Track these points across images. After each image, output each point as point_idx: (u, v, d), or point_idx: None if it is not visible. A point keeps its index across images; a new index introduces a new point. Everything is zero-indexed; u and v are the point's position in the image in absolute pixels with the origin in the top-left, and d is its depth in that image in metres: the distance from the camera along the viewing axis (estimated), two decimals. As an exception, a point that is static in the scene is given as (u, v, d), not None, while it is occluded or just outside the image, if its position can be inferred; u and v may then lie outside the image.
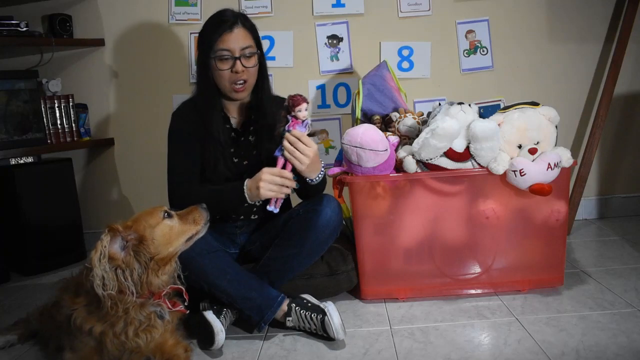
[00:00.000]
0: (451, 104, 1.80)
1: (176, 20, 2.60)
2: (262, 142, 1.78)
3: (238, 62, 1.68)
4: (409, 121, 1.93)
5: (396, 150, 1.82)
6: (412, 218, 1.80)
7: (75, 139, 2.59)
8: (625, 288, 1.80)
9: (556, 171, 1.69)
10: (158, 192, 2.52)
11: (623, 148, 2.69)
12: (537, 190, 1.68)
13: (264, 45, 2.51)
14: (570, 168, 1.75)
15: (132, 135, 2.71)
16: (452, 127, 1.66)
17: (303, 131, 1.60)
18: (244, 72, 1.70)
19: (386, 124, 2.02)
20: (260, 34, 1.80)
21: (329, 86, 2.63)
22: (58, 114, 2.53)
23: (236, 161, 1.81)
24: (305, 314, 1.60)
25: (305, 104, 1.58)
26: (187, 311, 1.49)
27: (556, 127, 1.76)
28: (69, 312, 1.38)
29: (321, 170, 1.70)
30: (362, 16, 2.58)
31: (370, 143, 1.69)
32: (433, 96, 2.60)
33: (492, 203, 1.76)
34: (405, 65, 2.61)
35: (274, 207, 1.63)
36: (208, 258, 1.62)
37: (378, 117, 2.02)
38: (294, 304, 1.63)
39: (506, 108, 1.78)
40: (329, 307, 1.57)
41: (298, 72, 2.60)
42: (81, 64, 2.68)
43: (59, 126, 2.54)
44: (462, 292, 1.84)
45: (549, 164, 1.67)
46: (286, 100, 1.59)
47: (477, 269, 1.84)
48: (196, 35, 2.56)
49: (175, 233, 1.44)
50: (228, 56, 1.68)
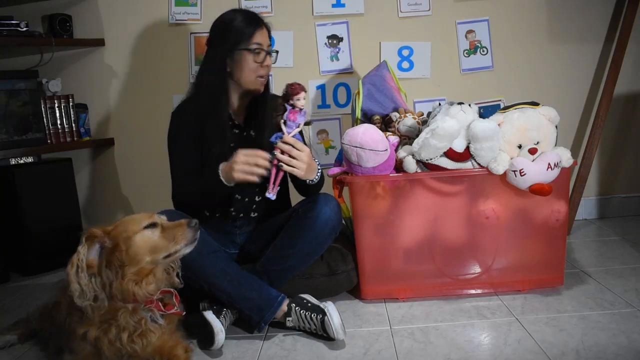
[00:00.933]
0: (451, 104, 1.80)
1: (176, 20, 2.60)
2: (263, 137, 1.79)
3: (268, 57, 1.78)
4: (409, 121, 1.93)
5: (396, 150, 1.82)
6: (412, 218, 1.80)
7: (75, 139, 2.59)
8: (625, 288, 1.80)
9: (556, 171, 1.69)
10: (158, 192, 2.52)
11: (623, 148, 2.69)
12: (537, 190, 1.68)
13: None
14: (570, 168, 1.75)
15: (132, 135, 2.71)
16: (452, 127, 1.66)
17: (302, 120, 1.59)
18: (268, 67, 1.80)
19: (386, 124, 2.02)
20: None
21: (329, 86, 2.63)
22: (58, 114, 2.53)
23: None
24: (305, 314, 1.60)
25: (303, 93, 1.57)
26: (183, 312, 1.46)
27: (556, 127, 1.77)
28: (66, 315, 1.38)
29: (317, 168, 1.71)
30: (362, 16, 2.58)
31: (370, 143, 1.69)
32: (433, 96, 2.60)
33: (492, 203, 1.76)
34: (405, 65, 2.61)
35: (272, 194, 1.59)
36: (208, 258, 1.62)
37: (378, 117, 2.03)
38: (294, 304, 1.63)
39: (506, 108, 1.78)
40: (329, 307, 1.57)
41: (298, 72, 2.60)
42: (81, 64, 2.68)
43: (59, 126, 2.54)
44: (462, 292, 1.84)
45: (549, 164, 1.67)
46: (284, 88, 1.58)
47: (477, 269, 1.84)
48: (196, 35, 2.59)
49: (150, 247, 1.35)
50: (261, 50, 1.75)
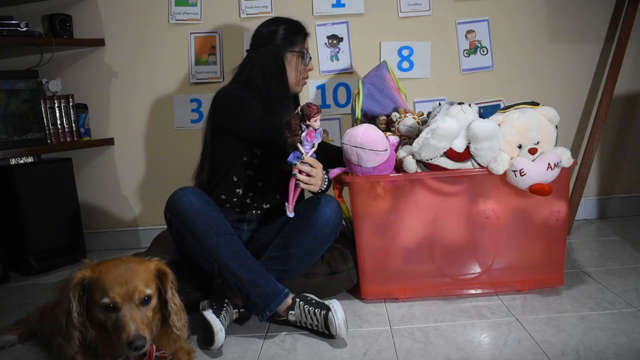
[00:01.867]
0: (451, 104, 1.80)
1: (176, 20, 2.60)
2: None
3: (311, 61, 1.98)
4: (409, 121, 1.93)
5: (396, 150, 1.82)
6: (412, 218, 1.80)
7: (75, 139, 2.59)
8: (625, 288, 1.80)
9: (556, 171, 1.69)
10: (158, 192, 2.52)
11: (623, 148, 2.69)
12: (537, 190, 1.68)
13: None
14: (570, 168, 1.75)
15: (132, 135, 2.71)
16: (452, 127, 1.66)
17: (318, 140, 1.62)
18: (310, 71, 2.00)
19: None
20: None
21: (329, 86, 2.63)
22: (58, 114, 2.53)
23: None
24: (308, 309, 1.61)
25: (319, 115, 1.60)
26: (169, 357, 1.40)
27: (556, 127, 1.77)
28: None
29: (325, 178, 1.72)
30: (362, 16, 2.58)
31: (370, 143, 1.69)
32: (433, 96, 2.60)
33: (492, 203, 1.76)
34: (405, 65, 2.61)
35: (291, 213, 1.63)
36: (224, 238, 1.64)
37: (384, 118, 2.02)
38: (299, 299, 1.65)
39: (506, 108, 1.78)
40: (334, 304, 1.58)
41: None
42: (81, 64, 2.68)
43: (59, 126, 2.54)
44: (462, 292, 1.84)
45: (549, 164, 1.67)
46: (301, 108, 1.59)
47: (477, 269, 1.84)
48: (196, 35, 2.59)
49: (104, 324, 1.28)
50: (308, 55, 1.95)
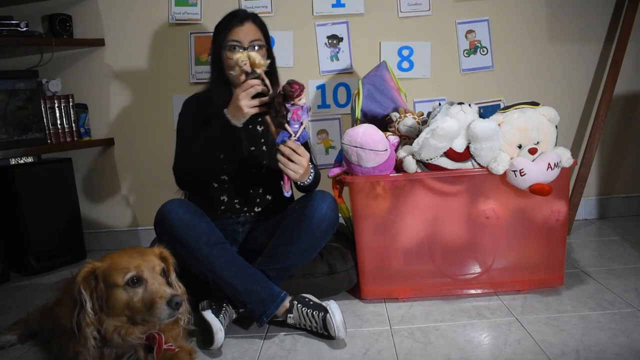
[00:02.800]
0: (451, 104, 1.80)
1: (176, 20, 2.60)
2: (270, 132, 1.86)
3: (246, 52, 1.78)
4: (409, 121, 1.93)
5: (396, 150, 1.82)
6: (412, 218, 1.80)
7: (75, 139, 2.59)
8: (625, 288, 1.80)
9: (556, 171, 1.69)
10: (158, 192, 2.52)
11: (623, 148, 2.69)
12: (537, 190, 1.68)
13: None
14: (570, 168, 1.75)
15: (132, 135, 2.71)
16: (452, 127, 1.66)
17: (305, 117, 1.60)
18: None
19: (386, 124, 2.02)
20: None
21: (329, 86, 2.63)
22: (58, 114, 2.53)
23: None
24: (307, 312, 1.61)
25: (303, 92, 1.58)
26: (176, 349, 1.40)
27: (556, 127, 1.77)
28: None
29: (310, 172, 1.73)
30: (362, 16, 2.58)
31: (370, 143, 1.69)
32: (433, 96, 2.60)
33: (492, 203, 1.76)
34: (405, 65, 2.61)
35: (288, 192, 1.65)
36: (216, 249, 1.64)
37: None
38: (296, 301, 1.64)
39: (506, 108, 1.78)
40: (331, 305, 1.58)
41: (298, 72, 2.60)
42: (81, 64, 2.68)
43: (59, 126, 2.54)
44: (462, 292, 1.84)
45: (549, 164, 1.67)
46: (282, 88, 1.57)
47: (477, 269, 1.84)
48: (196, 35, 2.59)
49: (129, 306, 1.30)
50: (237, 46, 1.79)
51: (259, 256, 1.74)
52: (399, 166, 1.78)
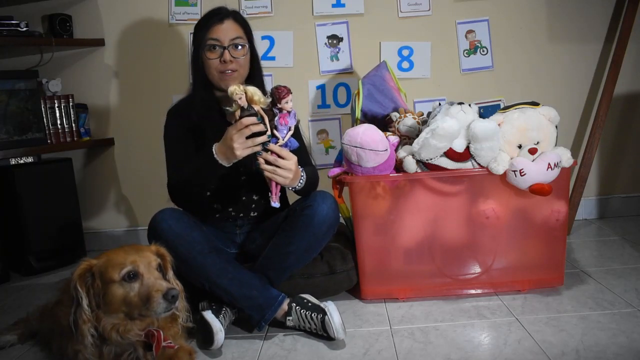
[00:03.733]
0: (451, 104, 1.80)
1: (176, 20, 2.60)
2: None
3: (226, 52, 1.73)
4: (409, 121, 1.93)
5: (396, 150, 1.82)
6: (412, 218, 1.80)
7: (75, 139, 2.59)
8: (625, 288, 1.80)
9: (556, 171, 1.69)
10: (158, 192, 2.52)
11: (623, 148, 2.69)
12: (537, 190, 1.68)
13: (264, 45, 2.53)
14: (570, 168, 1.75)
15: (132, 135, 2.71)
16: (452, 127, 1.66)
17: (293, 122, 1.55)
18: (233, 62, 1.74)
19: (386, 124, 2.02)
20: (260, 34, 1.83)
21: (329, 86, 2.63)
22: (58, 114, 2.53)
23: None
24: (305, 314, 1.60)
25: (290, 95, 1.53)
26: (175, 346, 1.40)
27: (556, 127, 1.77)
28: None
29: (301, 175, 1.66)
30: (362, 16, 2.58)
31: (370, 143, 1.69)
32: (433, 96, 2.60)
33: (492, 203, 1.76)
34: (405, 65, 2.61)
35: (276, 203, 1.58)
36: (210, 257, 1.63)
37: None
38: (295, 304, 1.64)
39: (506, 108, 1.78)
40: (330, 307, 1.57)
41: (298, 72, 2.60)
42: (81, 64, 2.68)
43: (59, 126, 2.54)
44: (462, 292, 1.84)
45: (549, 164, 1.67)
46: (270, 92, 1.54)
47: (477, 269, 1.84)
48: (196, 35, 2.59)
49: (125, 302, 1.31)
50: (217, 45, 1.73)
51: (259, 257, 1.74)
52: (399, 166, 1.78)
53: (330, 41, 2.60)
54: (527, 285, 1.83)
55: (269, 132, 1.52)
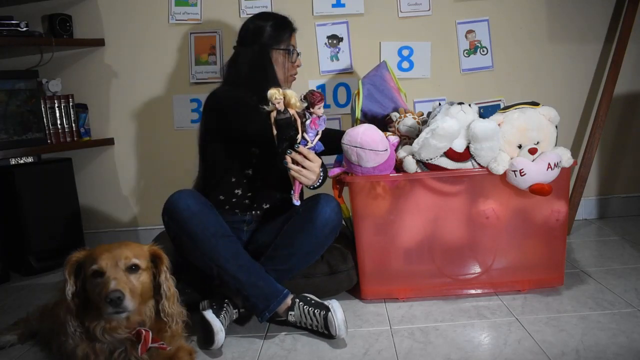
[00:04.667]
0: (451, 104, 1.80)
1: (176, 20, 2.60)
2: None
3: (299, 57, 1.97)
4: (409, 121, 1.93)
5: (396, 150, 1.82)
6: (412, 218, 1.80)
7: (75, 139, 2.59)
8: (625, 288, 1.80)
9: (556, 171, 1.69)
10: (158, 192, 2.52)
11: (623, 148, 2.69)
12: (537, 190, 1.68)
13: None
14: (570, 168, 1.75)
15: (132, 135, 2.71)
16: (452, 127, 1.66)
17: (322, 127, 1.60)
18: (298, 67, 1.99)
19: (386, 124, 2.02)
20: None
21: (329, 86, 2.63)
22: (58, 114, 2.53)
23: None
24: (308, 310, 1.61)
25: (323, 102, 1.57)
26: (168, 348, 1.38)
27: (556, 127, 1.77)
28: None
29: (320, 175, 1.69)
30: (362, 16, 2.58)
31: (370, 143, 1.69)
32: (433, 96, 2.60)
33: (492, 203, 1.76)
34: (405, 65, 2.61)
35: (297, 201, 1.61)
36: (222, 241, 1.64)
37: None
38: (298, 299, 1.65)
39: (506, 108, 1.78)
40: (333, 304, 1.58)
41: (298, 72, 2.59)
42: (81, 64, 2.68)
43: (59, 126, 2.54)
44: (462, 292, 1.84)
45: (549, 164, 1.67)
46: (304, 95, 1.57)
47: (477, 269, 1.84)
48: (196, 35, 2.59)
49: (94, 296, 1.28)
50: (295, 51, 1.94)
51: (262, 256, 1.74)
52: (399, 166, 1.78)
53: (330, 41, 2.60)
54: (527, 285, 1.83)
55: (300, 135, 1.58)
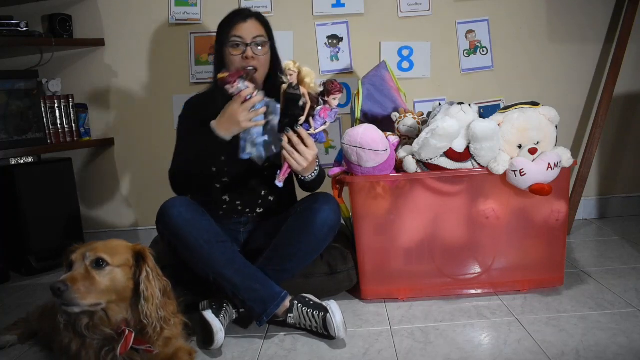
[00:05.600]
0: (451, 104, 1.80)
1: (176, 20, 2.60)
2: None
3: (249, 48, 1.77)
4: (409, 121, 1.93)
5: (396, 150, 1.82)
6: (412, 218, 1.80)
7: (75, 139, 2.59)
8: (625, 288, 1.80)
9: (556, 171, 1.69)
10: (158, 192, 2.52)
11: (623, 148, 2.69)
12: (537, 190, 1.68)
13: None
14: (570, 168, 1.75)
15: (132, 135, 2.71)
16: (452, 127, 1.66)
17: (331, 120, 1.58)
18: (255, 59, 1.78)
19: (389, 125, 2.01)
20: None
21: (329, 86, 2.62)
22: (58, 114, 2.53)
23: None
24: (307, 311, 1.61)
25: (340, 94, 1.56)
26: (155, 351, 1.36)
27: (556, 127, 1.77)
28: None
29: (315, 168, 1.70)
30: (362, 16, 2.58)
31: (370, 143, 1.69)
32: (433, 96, 2.60)
33: (492, 203, 1.76)
34: (405, 65, 2.61)
35: (280, 182, 1.60)
36: (217, 247, 1.63)
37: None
38: (297, 301, 1.64)
39: (506, 108, 1.78)
40: (332, 305, 1.58)
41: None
42: (81, 64, 2.68)
43: (59, 126, 2.54)
44: (462, 292, 1.84)
45: (549, 164, 1.67)
46: (323, 82, 1.57)
47: (477, 269, 1.84)
48: (196, 35, 2.59)
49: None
50: (240, 42, 1.77)
51: (260, 257, 1.74)
52: (399, 166, 1.78)
53: (330, 41, 2.60)
54: (527, 285, 1.83)
55: (304, 117, 1.55)
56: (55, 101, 2.52)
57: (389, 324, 1.67)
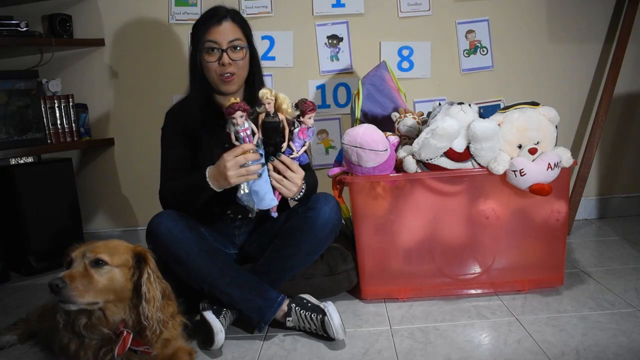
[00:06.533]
0: (451, 104, 1.80)
1: (176, 20, 2.60)
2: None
3: (225, 55, 1.70)
4: (409, 121, 1.93)
5: (396, 150, 1.82)
6: (412, 218, 1.80)
7: (75, 139, 2.59)
8: (625, 288, 1.80)
9: (556, 171, 1.69)
10: (158, 192, 2.52)
11: (623, 148, 2.69)
12: (537, 190, 1.68)
13: (264, 45, 2.53)
14: (570, 168, 1.75)
15: (132, 135, 2.71)
16: (452, 127, 1.66)
17: (310, 139, 1.59)
18: (232, 65, 1.72)
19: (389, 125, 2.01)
20: (260, 34, 1.82)
21: (329, 86, 2.63)
22: (58, 114, 2.53)
23: None
24: (305, 314, 1.60)
25: (314, 113, 1.57)
26: (153, 352, 1.36)
27: (556, 127, 1.77)
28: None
29: (302, 187, 1.68)
30: (362, 16, 2.58)
31: (370, 143, 1.69)
32: (433, 96, 2.60)
33: (492, 203, 1.76)
34: (405, 65, 2.61)
35: (274, 213, 1.64)
36: (209, 259, 1.62)
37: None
38: (294, 304, 1.63)
39: (506, 108, 1.78)
40: (329, 307, 1.57)
41: (298, 72, 2.60)
42: (81, 64, 2.68)
43: (59, 126, 2.54)
44: (462, 292, 1.84)
45: (549, 164, 1.67)
46: (296, 103, 1.57)
47: (477, 269, 1.84)
48: (196, 35, 2.59)
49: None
50: (215, 48, 1.70)
51: (259, 258, 1.74)
52: (399, 166, 1.78)
53: (330, 41, 2.60)
54: (527, 285, 1.83)
55: (286, 144, 1.55)
56: (55, 101, 2.52)
57: (389, 324, 1.67)
